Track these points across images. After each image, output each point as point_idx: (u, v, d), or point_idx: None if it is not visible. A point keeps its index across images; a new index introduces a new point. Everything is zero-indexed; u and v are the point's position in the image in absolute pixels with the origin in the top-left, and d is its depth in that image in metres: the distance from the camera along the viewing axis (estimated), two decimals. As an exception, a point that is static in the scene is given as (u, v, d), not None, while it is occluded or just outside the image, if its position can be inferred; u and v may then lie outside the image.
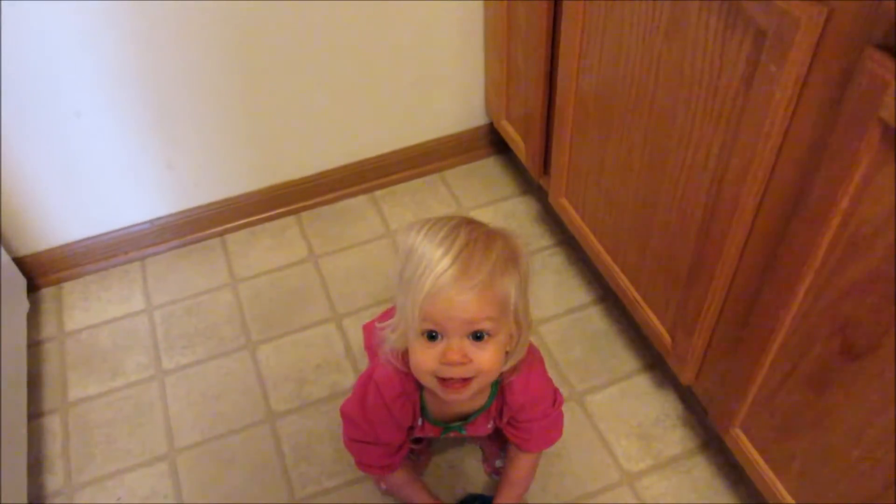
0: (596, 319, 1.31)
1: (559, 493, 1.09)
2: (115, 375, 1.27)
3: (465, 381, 0.81)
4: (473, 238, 0.78)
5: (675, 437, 1.15)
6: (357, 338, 1.29)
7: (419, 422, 0.94)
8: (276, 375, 1.26)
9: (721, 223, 0.84)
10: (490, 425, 0.97)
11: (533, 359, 0.93)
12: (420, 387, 0.91)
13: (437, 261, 0.75)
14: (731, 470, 1.11)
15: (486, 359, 0.79)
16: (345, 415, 0.98)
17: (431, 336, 0.78)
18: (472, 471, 1.13)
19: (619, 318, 1.31)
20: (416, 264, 0.77)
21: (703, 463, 1.12)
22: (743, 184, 0.77)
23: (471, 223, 0.80)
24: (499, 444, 1.09)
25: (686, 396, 1.18)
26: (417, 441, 1.08)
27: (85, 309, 1.37)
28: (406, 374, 0.89)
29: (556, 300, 1.34)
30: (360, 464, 0.99)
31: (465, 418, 0.95)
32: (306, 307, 1.36)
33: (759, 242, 0.81)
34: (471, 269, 0.76)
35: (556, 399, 0.98)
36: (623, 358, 1.25)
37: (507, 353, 0.83)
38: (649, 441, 1.15)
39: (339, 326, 1.32)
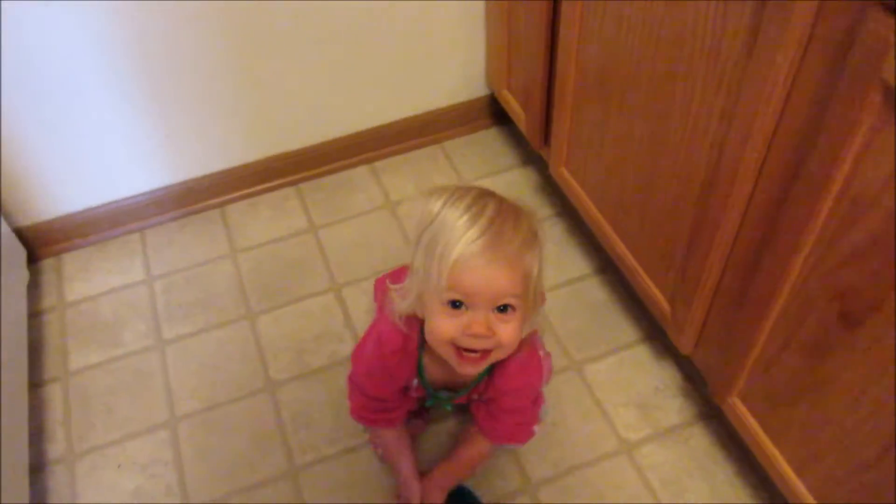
0: (596, 290, 1.31)
1: (557, 461, 1.10)
2: (115, 345, 1.27)
3: (484, 355, 0.81)
4: (503, 211, 0.78)
5: (673, 407, 1.15)
6: (357, 307, 1.29)
7: (414, 383, 0.94)
8: (276, 345, 1.26)
9: (721, 190, 0.83)
10: (474, 398, 0.97)
11: (535, 342, 0.93)
12: (420, 347, 0.91)
13: (465, 228, 0.75)
14: (729, 439, 1.11)
15: (509, 332, 0.79)
16: (352, 359, 1.00)
17: (455, 305, 0.78)
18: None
19: (619, 288, 1.30)
20: (441, 230, 0.76)
21: (700, 432, 1.12)
22: (743, 150, 0.77)
23: (494, 195, 0.80)
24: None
25: (685, 366, 1.19)
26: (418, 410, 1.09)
27: (85, 280, 1.37)
28: (407, 335, 0.89)
29: (556, 270, 1.33)
30: (354, 411, 1.01)
31: (455, 389, 0.95)
32: (306, 278, 1.36)
33: (758, 210, 0.80)
34: (502, 242, 0.75)
35: (536, 399, 0.98)
36: (622, 328, 1.25)
37: None
38: (648, 410, 1.15)
39: (339, 297, 1.32)
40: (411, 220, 0.84)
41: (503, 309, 0.78)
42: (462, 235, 0.74)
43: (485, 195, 0.79)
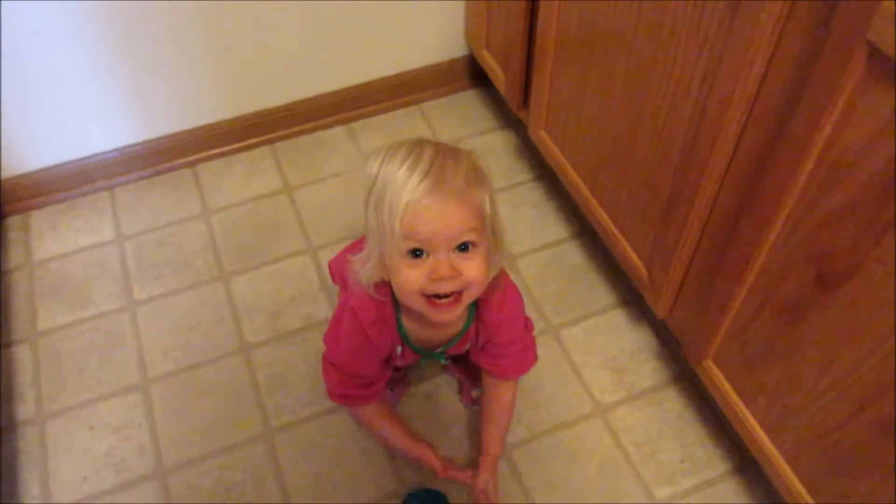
0: (573, 254, 1.31)
1: (533, 423, 1.11)
2: (85, 305, 1.25)
3: (456, 298, 0.80)
4: (441, 152, 0.77)
5: (647, 371, 1.16)
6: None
7: (398, 349, 0.94)
8: (250, 307, 1.25)
9: (702, 152, 0.82)
10: (467, 346, 0.96)
11: (507, 280, 0.92)
12: (397, 312, 0.90)
13: (407, 176, 0.74)
14: (703, 402, 1.12)
15: (474, 269, 0.78)
16: (326, 342, 0.98)
17: (416, 254, 0.77)
18: (448, 402, 1.13)
19: (596, 252, 1.30)
20: (385, 186, 0.76)
21: (674, 395, 1.13)
22: (726, 110, 0.76)
23: (429, 141, 0.80)
24: (475, 374, 1.09)
25: (660, 331, 1.19)
26: (396, 369, 1.08)
27: (54, 238, 1.34)
28: (381, 301, 0.88)
29: (533, 234, 1.33)
30: (332, 393, 0.99)
31: (444, 344, 0.95)
32: (281, 239, 1.34)
33: (739, 172, 0.80)
34: (446, 178, 0.75)
35: (527, 323, 0.98)
36: (599, 292, 1.26)
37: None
38: (622, 374, 1.16)
39: (314, 258, 1.31)
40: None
41: (464, 248, 0.77)
42: (405, 182, 0.74)
43: (419, 143, 0.79)
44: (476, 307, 0.91)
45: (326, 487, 1.05)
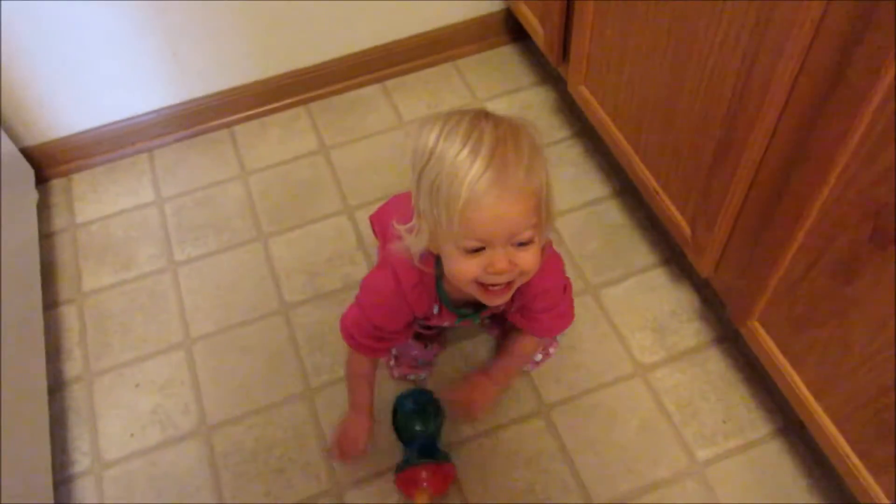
0: (613, 212, 1.28)
1: (573, 383, 1.10)
2: (127, 266, 1.27)
3: (509, 284, 0.79)
4: (501, 135, 0.73)
5: (689, 331, 1.14)
6: (369, 229, 1.27)
7: (435, 310, 0.93)
8: (289, 267, 1.25)
9: (751, 106, 0.79)
10: (500, 309, 0.95)
11: (550, 248, 0.91)
12: (437, 276, 0.89)
13: (468, 165, 0.70)
14: (746, 363, 1.10)
15: (529, 261, 0.77)
16: (362, 287, 0.95)
17: (475, 250, 0.75)
18: (487, 360, 1.13)
19: (637, 211, 1.28)
20: (442, 169, 0.71)
21: (716, 356, 1.11)
22: (778, 61, 0.72)
23: (489, 117, 0.75)
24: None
25: (703, 290, 1.17)
26: (428, 328, 1.08)
27: (95, 200, 1.36)
28: (423, 269, 0.87)
29: (573, 193, 1.30)
30: (344, 328, 0.95)
31: (481, 305, 0.94)
32: (317, 200, 1.33)
33: (790, 124, 0.76)
34: (508, 171, 0.71)
35: (566, 286, 0.96)
36: (640, 252, 1.23)
37: None
38: (664, 334, 1.14)
39: (352, 218, 1.30)
40: (406, 152, 0.79)
41: (522, 243, 0.76)
42: (466, 175, 0.70)
43: (479, 119, 0.74)
44: None
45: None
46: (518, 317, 0.95)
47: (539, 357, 1.10)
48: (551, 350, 1.10)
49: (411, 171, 0.77)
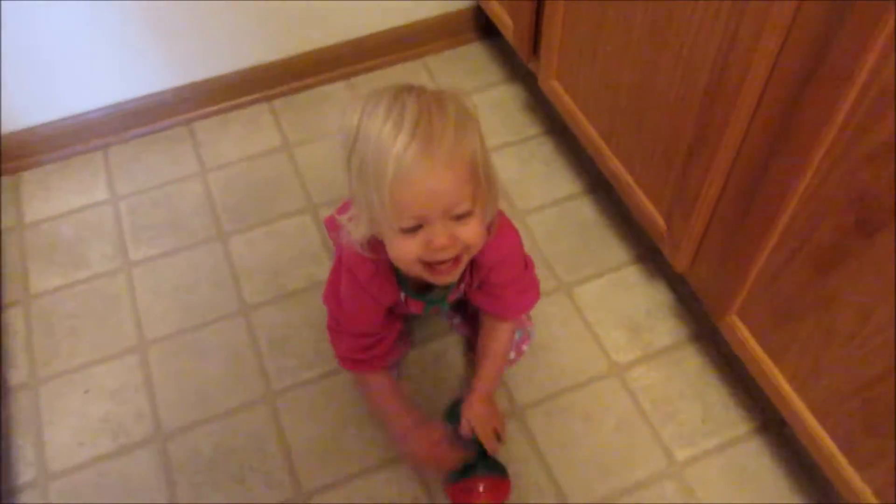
0: (585, 210, 1.25)
1: (545, 384, 1.06)
2: (78, 267, 1.20)
3: (455, 261, 0.76)
4: (425, 105, 0.69)
5: (665, 329, 1.11)
6: (335, 229, 1.23)
7: (402, 297, 0.89)
8: (250, 267, 1.20)
9: (729, 88, 0.77)
10: (462, 286, 0.91)
11: (503, 221, 0.87)
12: (393, 265, 0.85)
13: (391, 139, 0.67)
14: (723, 361, 1.08)
15: (471, 233, 0.73)
16: (325, 303, 0.93)
17: (412, 229, 0.72)
18: (456, 360, 1.09)
19: (610, 208, 1.25)
20: (367, 148, 0.68)
21: (693, 354, 1.09)
22: (758, 41, 0.70)
23: (412, 90, 0.72)
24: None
25: (678, 287, 1.14)
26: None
27: (45, 199, 1.29)
28: (375, 259, 0.83)
29: (543, 190, 1.27)
30: (342, 359, 0.94)
31: (444, 289, 0.90)
32: (280, 198, 1.28)
33: (770, 109, 0.74)
34: (434, 139, 0.68)
35: (527, 263, 0.93)
36: (613, 249, 1.20)
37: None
38: (639, 332, 1.11)
39: (316, 217, 1.26)
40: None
41: (460, 216, 0.72)
42: (391, 150, 0.66)
43: (401, 92, 0.71)
44: None
45: (332, 451, 1.01)
46: (481, 297, 0.91)
47: (512, 355, 1.06)
48: (524, 347, 1.07)
49: (342, 154, 0.74)
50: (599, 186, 1.27)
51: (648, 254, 1.19)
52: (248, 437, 1.03)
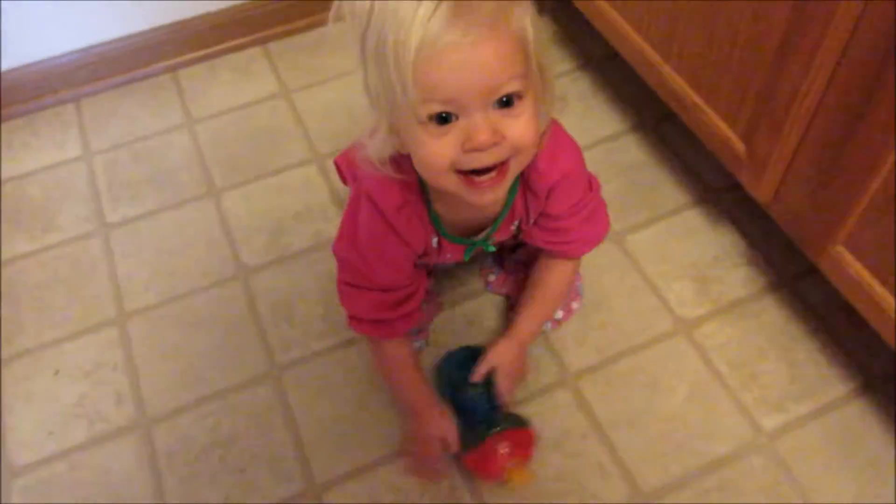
0: (632, 150, 1.09)
1: (601, 346, 0.89)
2: (47, 231, 1.04)
3: (501, 171, 0.59)
4: None
5: (737, 278, 0.95)
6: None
7: (434, 242, 0.72)
8: (247, 226, 1.03)
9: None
10: (513, 227, 0.75)
11: (560, 133, 0.71)
12: (424, 194, 0.69)
13: (415, 4, 0.51)
14: (809, 312, 0.91)
15: (522, 129, 0.57)
16: (337, 253, 0.76)
17: (441, 119, 0.55)
18: (494, 325, 0.92)
19: (660, 146, 1.08)
20: (384, 20, 0.52)
21: (773, 305, 0.92)
22: None
23: None
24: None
25: (750, 230, 0.98)
26: (429, 274, 0.86)
27: (10, 158, 1.13)
28: (403, 181, 0.66)
29: (583, 130, 1.10)
30: (355, 320, 0.77)
31: (487, 228, 0.73)
32: (280, 148, 1.12)
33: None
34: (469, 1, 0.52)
35: (591, 183, 0.76)
36: (668, 191, 1.04)
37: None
38: (706, 283, 0.94)
39: (322, 168, 1.09)
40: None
41: (507, 101, 0.55)
42: (415, 14, 0.51)
43: None
44: (518, 178, 0.69)
45: (348, 432, 0.85)
46: (539, 233, 0.75)
47: (559, 314, 0.90)
48: (574, 305, 0.90)
49: (354, 45, 0.57)
50: (647, 122, 1.11)
51: (709, 195, 1.02)
52: (250, 420, 0.86)
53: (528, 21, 0.56)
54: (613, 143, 1.09)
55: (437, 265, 0.83)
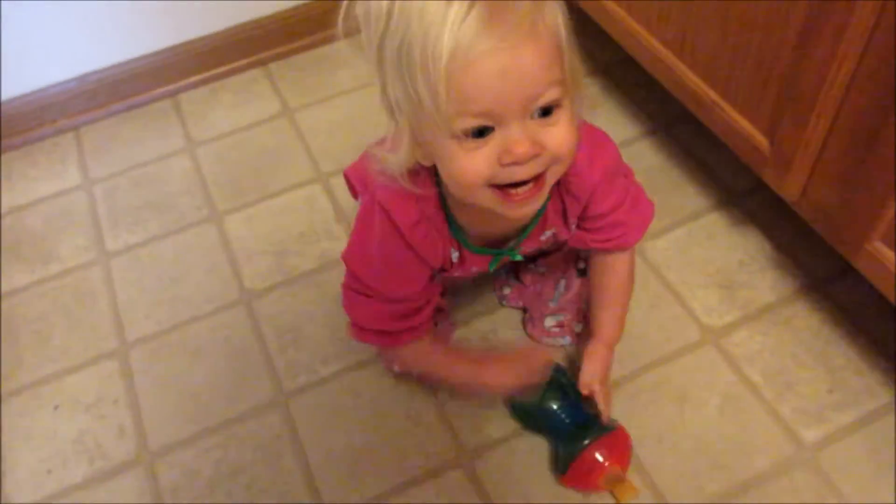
0: (647, 154, 1.05)
1: (625, 359, 0.84)
2: (47, 262, 1.01)
3: (538, 182, 0.55)
4: None
5: (765, 283, 0.90)
6: (348, 196, 1.02)
7: (455, 256, 0.68)
8: (250, 249, 1.00)
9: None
10: (546, 235, 0.71)
11: (593, 129, 0.67)
12: (444, 205, 0.65)
13: (443, 5, 0.47)
14: (844, 315, 0.86)
15: (561, 138, 0.53)
16: (347, 262, 0.72)
17: (476, 133, 0.51)
18: (509, 339, 0.88)
19: (676, 150, 1.04)
20: (409, 23, 0.48)
21: (805, 310, 0.87)
22: None
23: None
24: (548, 294, 0.84)
25: (775, 233, 0.93)
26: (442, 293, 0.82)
27: (8, 189, 1.10)
28: (419, 195, 0.62)
29: (594, 137, 1.07)
30: (360, 329, 0.73)
31: (516, 236, 0.69)
32: (283, 169, 1.09)
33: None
34: (504, 2, 0.48)
35: (627, 171, 0.73)
36: (687, 195, 0.99)
37: None
38: (733, 289, 0.90)
39: (326, 187, 1.06)
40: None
41: (546, 111, 0.51)
42: (445, 18, 0.47)
43: None
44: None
45: (362, 461, 0.80)
46: (586, 235, 0.71)
47: (579, 327, 0.85)
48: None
49: (369, 50, 0.53)
50: (661, 126, 1.07)
51: (731, 198, 0.98)
52: (257, 451, 0.82)
53: (560, 19, 0.52)
54: (627, 148, 1.05)
55: (455, 280, 0.78)
